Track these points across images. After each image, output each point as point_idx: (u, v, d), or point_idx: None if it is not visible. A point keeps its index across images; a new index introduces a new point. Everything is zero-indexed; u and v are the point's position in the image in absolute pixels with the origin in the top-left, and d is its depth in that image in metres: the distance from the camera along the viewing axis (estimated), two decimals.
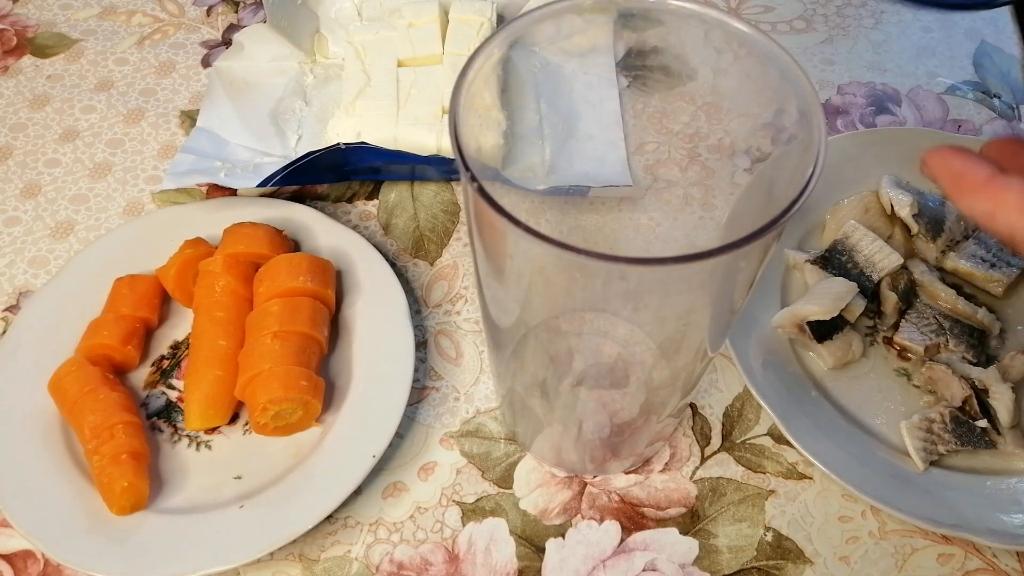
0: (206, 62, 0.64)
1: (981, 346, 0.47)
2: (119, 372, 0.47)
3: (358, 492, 0.44)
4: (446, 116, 0.54)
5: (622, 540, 0.43)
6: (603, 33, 0.42)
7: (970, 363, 0.46)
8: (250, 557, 0.40)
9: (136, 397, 0.47)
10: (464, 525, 0.43)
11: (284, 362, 0.43)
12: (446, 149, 0.52)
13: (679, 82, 0.41)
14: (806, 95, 0.29)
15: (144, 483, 0.42)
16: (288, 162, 0.51)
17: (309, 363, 0.45)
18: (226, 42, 0.66)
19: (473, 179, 0.28)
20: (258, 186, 0.51)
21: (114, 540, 0.41)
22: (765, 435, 0.46)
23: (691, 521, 0.43)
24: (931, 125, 0.60)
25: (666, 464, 0.45)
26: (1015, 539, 0.40)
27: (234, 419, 0.46)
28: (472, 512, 0.44)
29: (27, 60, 0.64)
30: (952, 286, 0.49)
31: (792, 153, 0.30)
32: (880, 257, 0.49)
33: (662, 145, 0.45)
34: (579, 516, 0.43)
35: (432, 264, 0.53)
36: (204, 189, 0.56)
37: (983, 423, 0.44)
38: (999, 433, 0.44)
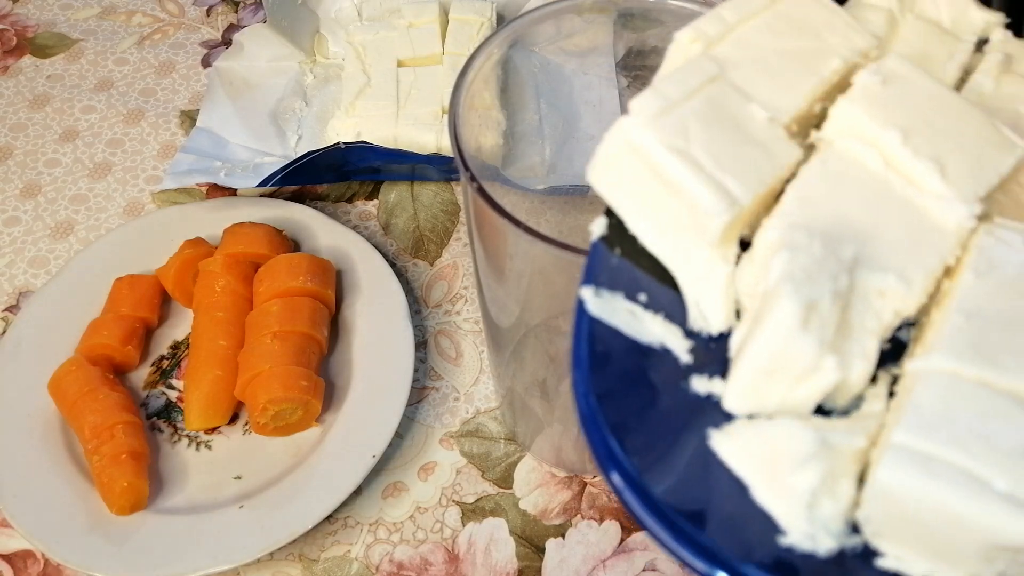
0: (206, 62, 0.64)
1: None
2: (119, 372, 0.47)
3: (358, 492, 0.44)
4: (446, 116, 0.54)
5: (622, 540, 0.43)
6: (603, 33, 0.42)
7: None
8: (250, 557, 0.40)
9: (136, 397, 0.47)
10: (464, 525, 0.43)
11: (284, 362, 0.43)
12: (446, 149, 0.52)
13: None
14: None
15: (144, 483, 0.42)
16: (288, 162, 0.51)
17: (309, 363, 0.45)
18: (226, 42, 0.66)
19: (473, 179, 0.28)
20: (258, 186, 0.51)
21: (114, 540, 0.41)
22: None
23: None
24: None
25: None
26: None
27: (234, 419, 0.46)
28: (472, 512, 0.44)
29: (27, 60, 0.64)
30: None
31: None
32: None
33: None
34: (579, 516, 0.43)
35: (432, 264, 0.53)
36: (204, 189, 0.56)
37: None
38: None
